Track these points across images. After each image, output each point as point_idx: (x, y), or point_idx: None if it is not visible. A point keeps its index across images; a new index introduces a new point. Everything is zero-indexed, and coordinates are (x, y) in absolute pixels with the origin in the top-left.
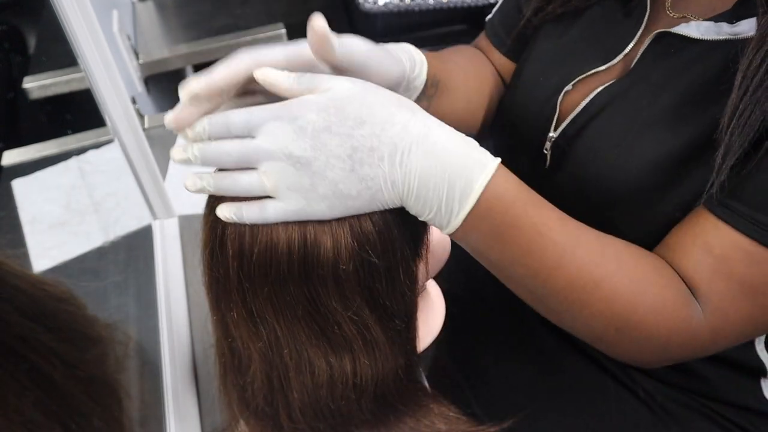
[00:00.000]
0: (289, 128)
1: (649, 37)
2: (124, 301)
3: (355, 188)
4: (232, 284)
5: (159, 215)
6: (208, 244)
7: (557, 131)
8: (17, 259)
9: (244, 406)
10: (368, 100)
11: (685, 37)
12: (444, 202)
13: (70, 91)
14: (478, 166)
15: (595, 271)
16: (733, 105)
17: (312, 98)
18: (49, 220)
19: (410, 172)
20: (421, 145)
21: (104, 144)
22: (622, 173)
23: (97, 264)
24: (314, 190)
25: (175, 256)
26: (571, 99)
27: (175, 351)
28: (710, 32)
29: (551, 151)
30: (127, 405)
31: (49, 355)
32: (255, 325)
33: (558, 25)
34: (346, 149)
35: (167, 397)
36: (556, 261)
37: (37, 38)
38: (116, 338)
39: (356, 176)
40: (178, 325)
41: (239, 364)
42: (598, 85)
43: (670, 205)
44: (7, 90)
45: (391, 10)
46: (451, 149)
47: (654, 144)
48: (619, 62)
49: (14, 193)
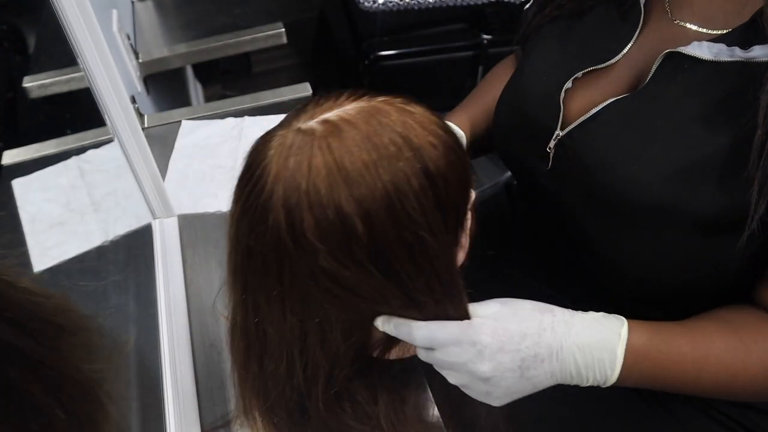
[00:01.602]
0: (471, 351)
1: (660, 56)
2: (123, 301)
3: (523, 387)
4: (272, 259)
5: (159, 214)
6: (246, 213)
7: (564, 131)
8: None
9: (261, 396)
10: (520, 315)
11: (697, 58)
12: (597, 373)
13: (69, 90)
14: (615, 336)
15: (730, 368)
16: (761, 142)
17: (481, 322)
18: (49, 219)
19: (565, 362)
20: (568, 339)
21: (104, 143)
22: (637, 188)
23: (96, 263)
24: (488, 393)
25: (174, 256)
26: (576, 101)
27: (175, 351)
28: (723, 54)
29: (555, 150)
30: (109, 406)
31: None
32: (301, 302)
33: (556, 26)
34: (516, 362)
35: (167, 397)
36: (696, 378)
37: (37, 38)
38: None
39: (525, 379)
40: (178, 324)
41: (265, 345)
42: (603, 91)
43: (683, 224)
44: (7, 89)
45: (390, 8)
46: (590, 333)
47: (669, 161)
48: (619, 65)
49: (14, 193)
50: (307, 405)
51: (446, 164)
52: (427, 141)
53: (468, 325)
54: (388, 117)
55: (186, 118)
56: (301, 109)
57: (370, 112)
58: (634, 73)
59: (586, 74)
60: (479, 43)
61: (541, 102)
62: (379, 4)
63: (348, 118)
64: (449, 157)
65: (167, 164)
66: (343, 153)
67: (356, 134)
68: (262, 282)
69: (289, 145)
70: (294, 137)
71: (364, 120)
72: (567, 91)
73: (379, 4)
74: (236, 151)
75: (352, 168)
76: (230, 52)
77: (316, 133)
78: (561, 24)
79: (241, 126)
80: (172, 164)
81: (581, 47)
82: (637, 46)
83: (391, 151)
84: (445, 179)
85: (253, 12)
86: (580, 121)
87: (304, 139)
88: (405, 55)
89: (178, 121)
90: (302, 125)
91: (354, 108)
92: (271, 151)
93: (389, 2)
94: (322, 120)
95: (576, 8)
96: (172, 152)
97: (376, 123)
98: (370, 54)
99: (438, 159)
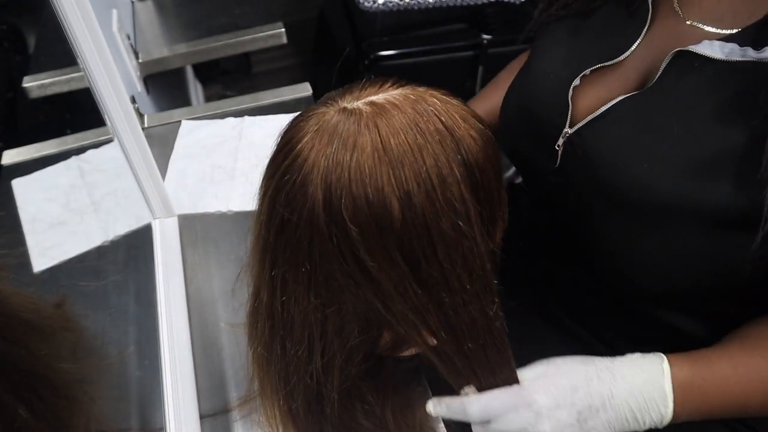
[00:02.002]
0: (528, 415)
1: (670, 54)
2: (123, 301)
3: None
4: (304, 235)
5: (159, 214)
6: (283, 188)
7: (573, 129)
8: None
9: (282, 379)
10: (564, 369)
11: (708, 57)
12: (652, 413)
13: (69, 90)
14: (659, 373)
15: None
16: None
17: (533, 383)
18: (49, 219)
19: (619, 408)
20: (615, 384)
21: (104, 143)
22: (648, 186)
23: (96, 263)
24: None
25: (174, 256)
26: (584, 99)
27: (175, 351)
28: (734, 54)
29: (563, 148)
30: (88, 406)
31: None
32: (325, 284)
33: (564, 24)
34: (573, 415)
35: (167, 397)
36: (746, 399)
37: (37, 38)
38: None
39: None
40: (178, 324)
41: (289, 326)
42: (611, 88)
43: (694, 223)
44: (7, 89)
45: (390, 8)
46: (634, 374)
47: (680, 160)
48: (627, 63)
49: (14, 193)
50: (324, 395)
51: (484, 157)
52: (468, 133)
53: (520, 388)
54: (434, 106)
55: (186, 118)
56: (344, 90)
57: (416, 99)
58: (643, 71)
59: (594, 72)
60: (479, 43)
61: (549, 100)
62: (379, 4)
63: (395, 101)
64: (487, 150)
65: (167, 164)
66: (389, 134)
67: (403, 117)
68: (292, 257)
69: (334, 123)
70: (338, 116)
71: (410, 105)
72: (575, 88)
73: (379, 4)
74: (236, 151)
75: (397, 149)
76: (230, 52)
77: (363, 113)
78: (568, 22)
79: (241, 126)
80: (172, 164)
81: (589, 45)
82: (645, 43)
83: (435, 138)
84: (483, 171)
85: (253, 12)
86: (589, 118)
87: (351, 118)
88: (405, 55)
89: (178, 121)
90: (348, 105)
91: (400, 93)
92: (314, 127)
93: (389, 2)
94: (368, 101)
95: (583, 7)
96: (172, 152)
97: (422, 109)
98: (370, 54)
99: (477, 152)
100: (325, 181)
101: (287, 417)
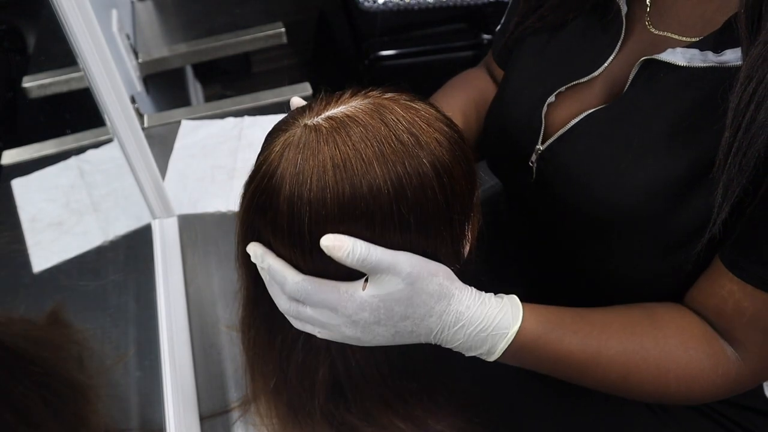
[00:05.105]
0: (343, 320)
1: (637, 64)
2: (123, 301)
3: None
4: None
5: (158, 214)
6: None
7: (544, 145)
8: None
9: (270, 374)
10: (413, 301)
11: (672, 64)
12: (476, 353)
13: (69, 90)
14: (501, 338)
15: (622, 369)
16: (728, 143)
17: (366, 299)
18: (49, 219)
19: (445, 342)
20: (452, 327)
21: (103, 143)
22: (616, 199)
23: (96, 263)
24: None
25: (174, 256)
26: (558, 114)
27: (174, 351)
28: (696, 60)
29: (536, 164)
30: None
31: None
32: None
33: (539, 38)
34: (390, 333)
35: (167, 397)
36: (581, 374)
37: (37, 38)
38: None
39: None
40: (178, 324)
41: (273, 318)
42: (583, 103)
43: (668, 234)
44: (7, 89)
45: (390, 8)
46: (478, 329)
47: (648, 172)
48: (600, 77)
49: (14, 193)
50: (310, 391)
51: (452, 159)
52: (434, 137)
53: (353, 301)
54: (394, 114)
55: (186, 118)
56: (307, 106)
57: (376, 109)
58: (614, 84)
59: (569, 88)
60: (479, 43)
61: (523, 116)
62: (379, 4)
63: (353, 115)
64: (454, 152)
65: (167, 164)
66: (347, 149)
67: (361, 131)
68: None
69: (296, 143)
70: (300, 133)
71: (369, 117)
72: (550, 105)
73: (379, 4)
74: (236, 151)
75: (356, 164)
76: (230, 52)
77: (321, 130)
78: (543, 37)
79: (241, 126)
80: (172, 164)
81: (563, 61)
82: (618, 57)
83: (396, 147)
84: (451, 174)
85: (253, 12)
86: (558, 134)
87: (310, 135)
88: (405, 55)
89: (178, 121)
90: (308, 122)
91: (359, 105)
92: (278, 147)
93: (389, 2)
94: (326, 117)
95: (558, 20)
96: (172, 152)
97: (381, 120)
98: (370, 54)
99: (444, 155)
100: (288, 201)
101: (284, 416)
